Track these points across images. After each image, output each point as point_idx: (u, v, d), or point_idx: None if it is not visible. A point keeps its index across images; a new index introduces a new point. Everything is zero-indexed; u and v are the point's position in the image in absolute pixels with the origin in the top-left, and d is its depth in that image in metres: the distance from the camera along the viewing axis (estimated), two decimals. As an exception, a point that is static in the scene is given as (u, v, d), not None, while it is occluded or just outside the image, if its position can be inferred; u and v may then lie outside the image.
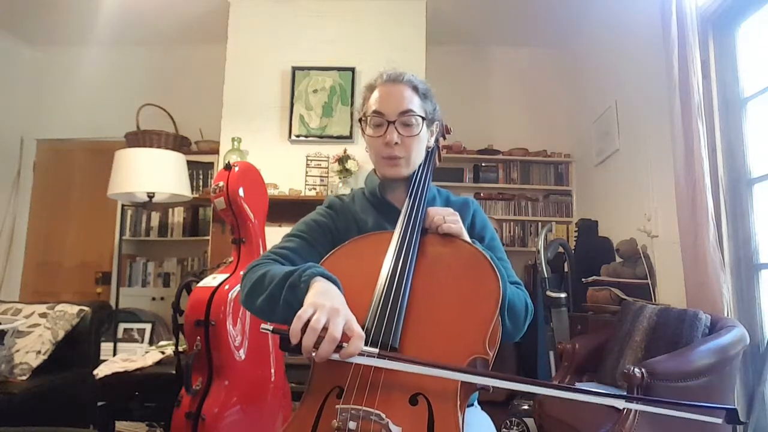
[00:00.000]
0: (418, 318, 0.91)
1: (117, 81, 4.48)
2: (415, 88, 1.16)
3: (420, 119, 1.14)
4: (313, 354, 0.79)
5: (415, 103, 1.14)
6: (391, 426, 0.77)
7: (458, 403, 0.82)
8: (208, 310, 1.81)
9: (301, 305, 0.85)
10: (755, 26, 2.29)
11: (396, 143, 1.12)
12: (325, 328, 0.79)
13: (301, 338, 0.79)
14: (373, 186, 1.21)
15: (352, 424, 0.78)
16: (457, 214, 1.07)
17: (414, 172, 1.17)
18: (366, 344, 0.83)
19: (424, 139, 1.17)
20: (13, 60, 4.43)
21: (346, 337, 0.80)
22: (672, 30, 2.34)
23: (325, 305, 0.82)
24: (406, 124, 1.13)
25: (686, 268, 2.22)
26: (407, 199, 1.11)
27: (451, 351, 0.86)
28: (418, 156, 1.17)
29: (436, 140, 1.28)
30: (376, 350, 0.82)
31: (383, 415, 0.77)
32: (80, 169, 4.52)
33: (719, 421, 0.75)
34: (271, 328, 0.84)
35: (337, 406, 0.80)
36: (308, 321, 0.79)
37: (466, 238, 1.04)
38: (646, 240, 2.80)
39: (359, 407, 0.79)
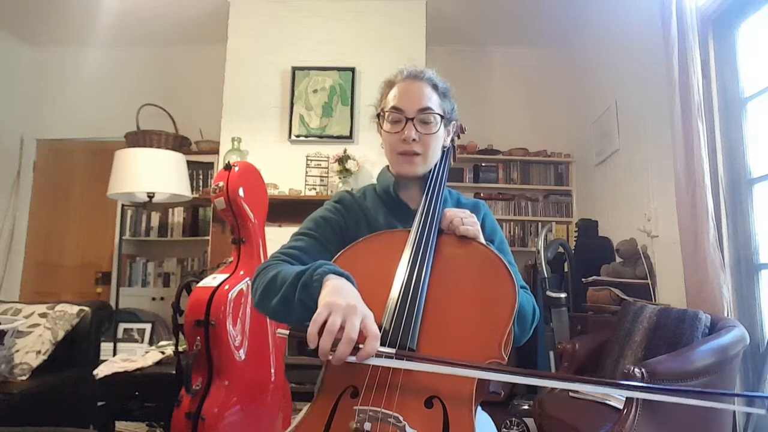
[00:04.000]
0: (435, 320, 0.90)
1: (117, 81, 4.48)
2: (435, 87, 1.15)
3: (438, 117, 1.13)
4: (330, 357, 0.77)
5: (434, 101, 1.14)
6: (408, 429, 0.76)
7: (472, 406, 0.81)
8: (208, 310, 1.81)
9: (315, 304, 0.83)
10: (755, 26, 2.29)
11: (414, 140, 1.11)
12: (341, 328, 0.77)
13: (318, 342, 0.77)
14: (387, 184, 1.19)
15: (368, 426, 0.77)
16: (474, 216, 1.06)
17: (429, 171, 1.17)
18: (383, 345, 0.82)
19: (441, 137, 1.17)
20: (13, 60, 4.43)
21: (362, 336, 0.78)
22: (672, 30, 2.34)
23: (341, 304, 0.80)
24: (425, 122, 1.12)
25: (686, 268, 2.22)
26: (423, 199, 1.10)
27: (469, 354, 0.85)
28: (434, 155, 1.16)
29: (452, 140, 1.28)
30: (393, 350, 0.81)
31: (401, 418, 0.77)
32: (80, 169, 4.52)
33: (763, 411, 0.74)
34: (287, 332, 0.82)
35: (355, 407, 0.79)
36: (324, 323, 0.78)
37: (483, 240, 1.03)
38: (646, 240, 2.80)
39: (378, 409, 0.78)
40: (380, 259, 1.00)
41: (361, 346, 0.78)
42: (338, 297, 0.82)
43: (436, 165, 1.18)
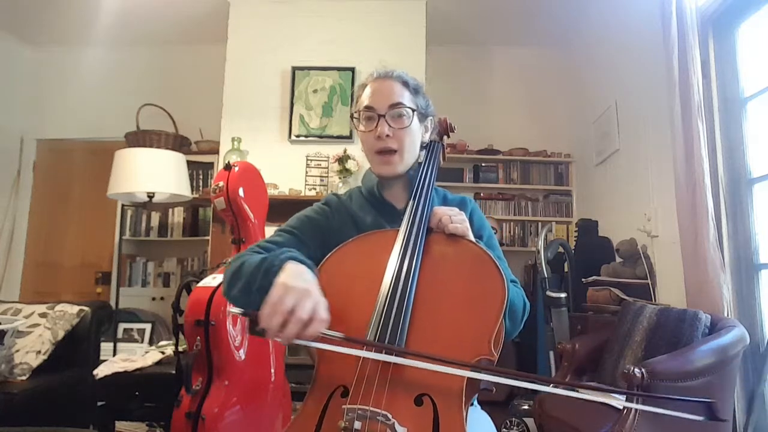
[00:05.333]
0: (424, 318, 0.91)
1: (117, 81, 4.49)
2: (405, 83, 1.17)
3: (410, 111, 1.14)
4: (278, 338, 0.80)
5: (405, 97, 1.15)
6: (397, 426, 0.77)
7: (463, 403, 0.81)
8: (207, 310, 1.81)
9: None
10: (755, 26, 2.29)
11: (387, 135, 1.12)
12: (293, 311, 0.80)
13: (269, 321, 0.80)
14: (371, 184, 1.21)
15: (357, 424, 0.77)
16: (463, 213, 1.07)
17: (416, 171, 1.17)
18: (372, 342, 0.84)
19: (416, 132, 1.17)
20: (13, 60, 4.43)
21: (309, 320, 0.81)
22: (672, 30, 2.34)
23: (296, 287, 0.82)
24: (397, 116, 1.13)
25: (686, 268, 2.22)
26: (412, 198, 1.10)
27: (458, 351, 0.85)
28: (411, 150, 1.17)
29: (441, 138, 1.27)
30: (383, 344, 0.83)
31: (390, 416, 0.77)
32: (80, 169, 4.52)
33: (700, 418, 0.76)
34: (239, 311, 0.86)
35: (343, 406, 0.79)
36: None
37: (472, 238, 1.03)
38: (646, 240, 2.80)
39: (366, 407, 0.78)
40: (369, 258, 1.01)
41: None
42: (294, 280, 0.85)
43: (423, 164, 1.19)
